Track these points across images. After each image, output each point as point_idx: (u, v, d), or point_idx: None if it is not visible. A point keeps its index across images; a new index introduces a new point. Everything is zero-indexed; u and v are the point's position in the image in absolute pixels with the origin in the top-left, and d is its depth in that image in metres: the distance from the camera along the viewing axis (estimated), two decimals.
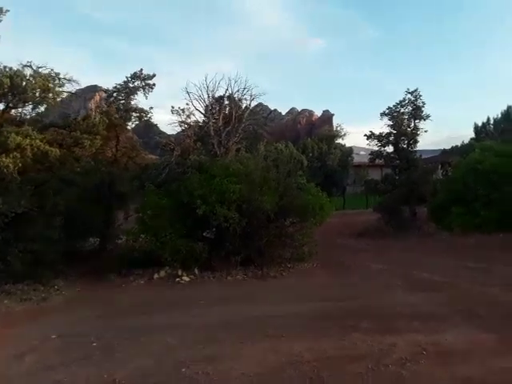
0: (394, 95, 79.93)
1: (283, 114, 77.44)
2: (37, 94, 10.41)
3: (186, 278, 9.41)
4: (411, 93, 16.83)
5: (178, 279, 9.37)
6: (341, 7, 75.56)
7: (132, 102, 15.62)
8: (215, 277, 9.63)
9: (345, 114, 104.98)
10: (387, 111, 17.24)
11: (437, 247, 13.95)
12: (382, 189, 17.39)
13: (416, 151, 17.47)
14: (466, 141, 32.88)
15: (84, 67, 66.62)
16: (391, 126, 16.85)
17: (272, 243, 10.01)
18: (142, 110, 15.49)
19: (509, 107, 36.36)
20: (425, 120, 16.87)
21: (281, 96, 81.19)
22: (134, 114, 15.42)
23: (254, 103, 16.85)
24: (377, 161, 18.83)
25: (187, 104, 14.12)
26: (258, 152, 14.29)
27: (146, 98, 16.17)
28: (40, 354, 5.40)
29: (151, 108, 15.92)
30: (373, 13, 77.56)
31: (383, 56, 79.08)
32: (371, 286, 8.66)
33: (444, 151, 34.30)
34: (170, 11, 76.26)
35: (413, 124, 17.03)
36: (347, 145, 45.48)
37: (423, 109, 16.84)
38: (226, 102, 14.80)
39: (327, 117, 62.52)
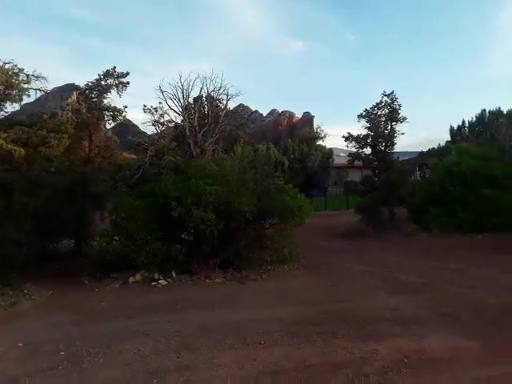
0: (373, 97, 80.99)
1: (264, 115, 77.42)
2: None
3: (162, 282, 9.08)
4: (388, 95, 16.94)
5: (154, 283, 9.03)
6: (321, 11, 76.26)
7: (105, 101, 15.24)
8: (193, 280, 9.33)
9: (325, 116, 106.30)
10: (364, 113, 17.28)
11: (416, 248, 14.00)
12: (361, 190, 17.42)
13: (393, 153, 17.56)
14: (443, 143, 33.48)
15: (62, 66, 65.14)
16: (368, 128, 16.89)
17: (251, 245, 9.79)
18: (115, 109, 15.09)
19: (483, 111, 37.13)
20: (401, 122, 17.02)
21: (262, 97, 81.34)
22: (107, 112, 15.02)
23: (231, 103, 16.60)
24: (356, 162, 18.86)
25: (160, 103, 13.72)
26: (234, 153, 13.97)
27: (120, 96, 15.82)
28: (4, 363, 5.08)
29: (125, 107, 15.56)
30: (352, 17, 78.62)
31: (362, 59, 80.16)
32: (353, 289, 8.54)
33: (421, 153, 34.89)
34: (152, 9, 75.27)
35: (390, 126, 17.11)
36: (328, 146, 45.64)
37: (400, 111, 16.96)
38: (202, 102, 14.47)
39: (308, 118, 62.87)
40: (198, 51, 76.95)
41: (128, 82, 15.92)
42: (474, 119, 37.74)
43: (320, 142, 47.44)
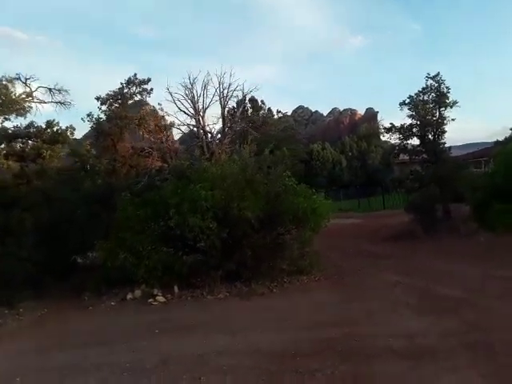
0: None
1: (325, 115, 75.44)
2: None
3: (160, 299, 8.33)
4: (433, 78, 14.81)
5: (150, 300, 8.31)
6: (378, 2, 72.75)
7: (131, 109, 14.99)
8: (194, 296, 8.46)
9: (390, 110, 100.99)
10: (408, 100, 15.31)
11: (470, 251, 11.94)
12: (408, 187, 15.46)
13: (444, 143, 15.34)
14: None
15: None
16: (412, 117, 14.91)
17: (259, 255, 8.69)
18: (139, 117, 14.80)
19: None
20: (451, 107, 14.77)
21: (322, 97, 79.59)
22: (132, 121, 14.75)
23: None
24: (402, 156, 16.90)
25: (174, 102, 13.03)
26: (241, 153, 12.94)
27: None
28: None
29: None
30: (412, 5, 73.93)
31: (426, 49, 75.08)
32: (372, 307, 7.10)
33: (497, 142, 31.09)
34: (207, 20, 76.88)
35: (437, 112, 14.95)
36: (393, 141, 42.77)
37: (449, 95, 14.75)
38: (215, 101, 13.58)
39: (371, 115, 60.05)
40: (256, 56, 77.45)
41: (152, 89, 15.62)
42: None
43: (382, 138, 44.83)
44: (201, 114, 12.43)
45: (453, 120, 14.87)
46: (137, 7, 76.03)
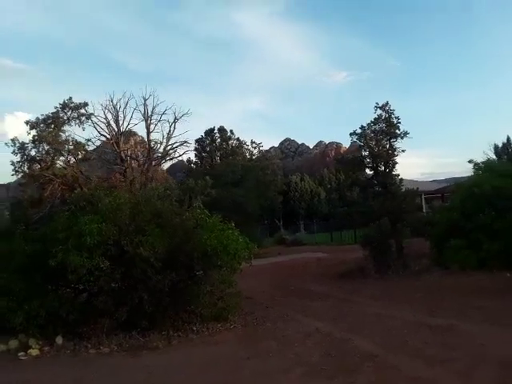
0: (422, 123, 77.90)
1: (311, 147, 75.83)
2: None
3: (33, 352, 7.08)
4: (381, 107, 14.35)
5: (21, 353, 7.07)
6: (363, 40, 75.39)
7: (64, 134, 14.05)
8: (75, 349, 7.25)
9: None
10: (360, 131, 14.78)
11: (413, 292, 11.03)
12: (358, 221, 14.66)
13: (397, 175, 14.70)
14: None
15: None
16: (361, 147, 14.32)
17: (159, 300, 7.59)
18: (76, 143, 13.88)
19: None
20: (402, 138, 14.25)
21: (308, 130, 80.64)
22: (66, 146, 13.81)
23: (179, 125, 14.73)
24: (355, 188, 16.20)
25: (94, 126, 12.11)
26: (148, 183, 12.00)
27: (83, 129, 14.63)
28: None
29: (88, 140, 14.30)
30: (393, 44, 76.69)
31: (407, 84, 77.40)
32: (270, 365, 6.03)
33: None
34: (205, 54, 78.17)
35: (388, 144, 14.41)
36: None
37: (399, 125, 14.26)
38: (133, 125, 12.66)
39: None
40: (244, 89, 78.54)
41: (91, 114, 14.79)
42: None
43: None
44: (117, 136, 11.53)
45: (403, 151, 14.33)
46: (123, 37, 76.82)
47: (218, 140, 32.77)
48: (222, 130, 33.00)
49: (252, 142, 43.61)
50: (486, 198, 14.39)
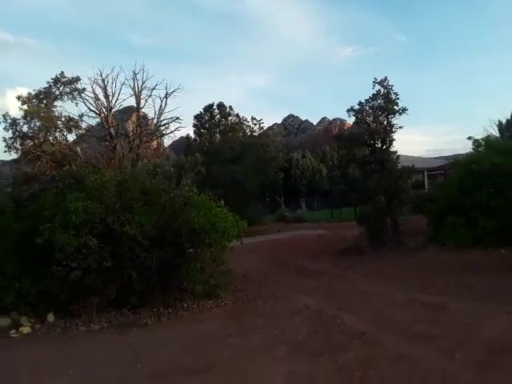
0: (425, 100, 76.65)
1: (314, 124, 74.84)
2: None
3: (25, 330, 7.13)
4: (380, 83, 13.96)
5: (13, 331, 7.12)
6: (370, 14, 73.27)
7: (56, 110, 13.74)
8: (66, 327, 7.30)
9: None
10: (358, 107, 14.45)
11: (407, 269, 11.01)
12: (353, 199, 14.55)
13: (394, 152, 14.45)
14: None
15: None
16: (357, 124, 14.03)
17: (149, 278, 7.59)
18: (69, 119, 13.63)
19: None
20: (400, 114, 13.94)
21: (312, 106, 79.42)
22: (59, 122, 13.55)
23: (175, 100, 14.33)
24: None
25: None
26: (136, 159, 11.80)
27: (76, 104, 14.33)
28: None
29: (81, 116, 14.03)
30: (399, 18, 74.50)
31: (412, 59, 75.65)
32: (254, 342, 6.04)
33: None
34: (210, 30, 76.46)
35: (386, 120, 14.10)
36: None
37: (398, 101, 13.91)
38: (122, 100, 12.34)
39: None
40: (248, 65, 77.11)
41: (84, 89, 14.44)
42: None
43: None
44: (106, 112, 11.29)
45: (400, 128, 14.05)
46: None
47: (217, 116, 32.24)
48: (221, 106, 32.39)
49: (253, 119, 43.04)
50: (485, 175, 14.20)
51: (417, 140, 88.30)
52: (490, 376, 4.44)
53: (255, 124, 42.09)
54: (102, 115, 11.56)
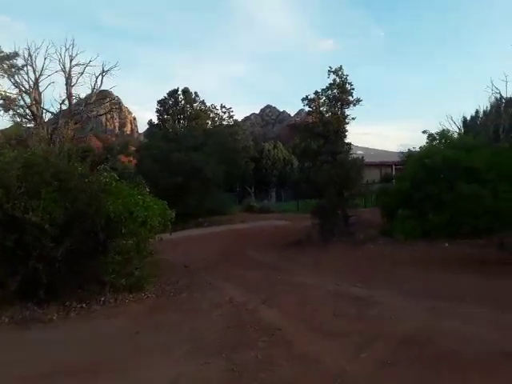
0: (396, 92, 77.73)
1: (292, 115, 74.31)
2: None
3: None
4: (334, 72, 13.58)
5: None
6: (352, 8, 73.19)
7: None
8: None
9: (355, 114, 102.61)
10: (313, 96, 14.05)
11: (349, 262, 10.83)
12: (304, 190, 14.25)
13: (348, 144, 14.18)
14: None
15: None
16: (310, 113, 13.66)
17: (59, 269, 6.98)
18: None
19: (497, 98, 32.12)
20: (354, 105, 13.64)
21: (290, 97, 78.91)
22: None
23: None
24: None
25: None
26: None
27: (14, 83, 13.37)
28: None
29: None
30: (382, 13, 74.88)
31: (390, 55, 76.34)
32: (152, 343, 5.51)
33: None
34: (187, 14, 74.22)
35: (340, 111, 13.77)
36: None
37: (352, 91, 13.59)
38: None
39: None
40: (227, 54, 75.56)
41: (24, 66, 13.45)
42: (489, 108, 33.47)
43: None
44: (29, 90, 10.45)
45: (353, 119, 13.76)
46: None
47: (182, 102, 31.26)
48: (186, 91, 31.40)
49: (222, 107, 42.15)
50: (437, 169, 14.21)
51: (391, 135, 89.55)
52: (385, 377, 4.14)
53: (224, 112, 41.27)
54: (23, 91, 10.65)
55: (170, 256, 12.85)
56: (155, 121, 31.12)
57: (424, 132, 16.26)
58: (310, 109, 13.77)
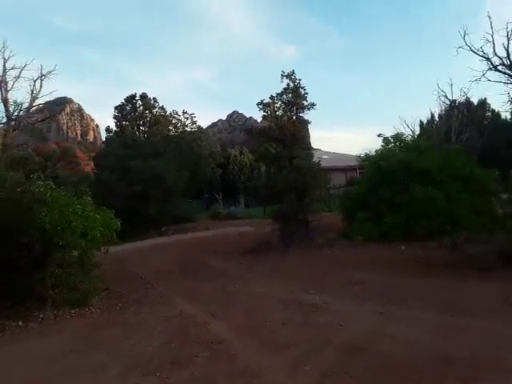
0: (361, 99, 79.75)
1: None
2: None
3: None
4: (287, 76, 13.55)
5: None
6: (312, 14, 74.43)
7: None
8: None
9: (322, 120, 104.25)
10: (268, 101, 13.97)
11: (305, 268, 10.70)
12: (264, 196, 14.11)
13: (306, 147, 14.20)
14: None
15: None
16: (264, 117, 13.58)
17: None
18: None
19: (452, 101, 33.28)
20: (309, 110, 13.67)
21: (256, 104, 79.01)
22: None
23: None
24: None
25: None
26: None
27: None
28: None
29: None
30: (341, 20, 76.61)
31: (350, 61, 78.25)
32: (84, 362, 5.14)
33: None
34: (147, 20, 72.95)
35: (295, 116, 13.76)
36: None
37: (306, 96, 13.62)
38: None
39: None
40: (190, 60, 74.97)
41: None
42: (444, 112, 34.73)
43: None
44: None
45: (309, 123, 13.80)
46: None
47: (140, 108, 30.44)
48: (144, 97, 30.58)
49: (184, 113, 41.51)
50: (391, 172, 14.42)
51: (356, 139, 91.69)
52: None
53: (187, 118, 40.62)
54: None
55: (124, 267, 12.38)
56: (113, 127, 30.21)
57: (379, 135, 16.53)
58: (265, 113, 13.67)
